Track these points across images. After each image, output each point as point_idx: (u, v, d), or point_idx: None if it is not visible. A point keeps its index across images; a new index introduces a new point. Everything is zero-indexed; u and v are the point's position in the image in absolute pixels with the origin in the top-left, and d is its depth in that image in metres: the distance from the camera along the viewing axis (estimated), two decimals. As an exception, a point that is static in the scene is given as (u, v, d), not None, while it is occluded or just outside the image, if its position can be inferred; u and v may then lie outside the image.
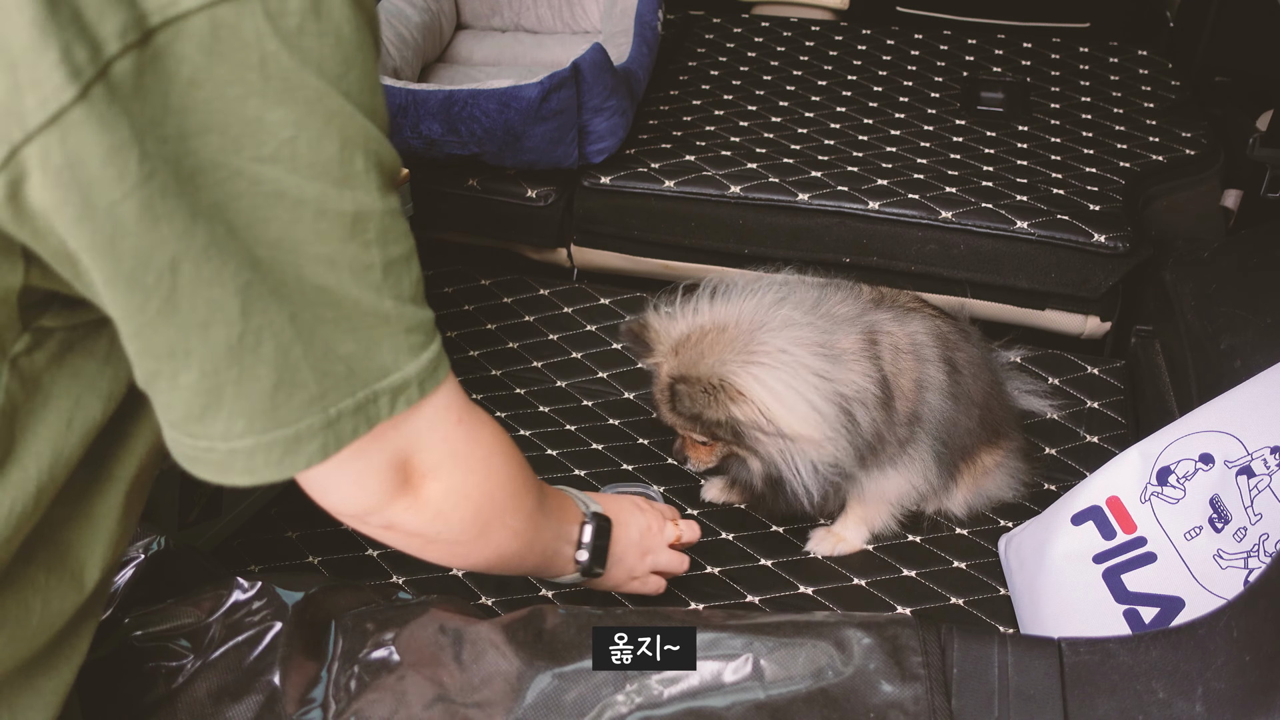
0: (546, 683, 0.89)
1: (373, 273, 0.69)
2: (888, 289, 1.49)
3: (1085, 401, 1.75)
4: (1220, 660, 0.87)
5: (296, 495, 0.79)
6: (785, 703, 0.87)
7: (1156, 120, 2.32)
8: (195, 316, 0.64)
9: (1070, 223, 1.89)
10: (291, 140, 0.63)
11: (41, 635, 0.80)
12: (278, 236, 0.65)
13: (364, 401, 0.71)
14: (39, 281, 0.69)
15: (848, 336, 1.30)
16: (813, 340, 1.26)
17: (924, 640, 0.92)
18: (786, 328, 1.27)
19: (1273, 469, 1.10)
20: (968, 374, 1.41)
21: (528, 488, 0.97)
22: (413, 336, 0.74)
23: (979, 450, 1.47)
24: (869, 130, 2.31)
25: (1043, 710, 0.88)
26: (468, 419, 0.83)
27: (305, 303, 0.67)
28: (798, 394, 1.23)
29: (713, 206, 2.07)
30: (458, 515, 0.85)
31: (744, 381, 1.23)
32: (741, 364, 1.24)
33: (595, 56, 2.01)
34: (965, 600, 1.38)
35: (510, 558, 0.97)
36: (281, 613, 0.96)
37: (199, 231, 0.63)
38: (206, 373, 0.66)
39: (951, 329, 1.45)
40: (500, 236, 2.22)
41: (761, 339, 1.25)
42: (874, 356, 1.30)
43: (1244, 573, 1.08)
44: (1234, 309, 1.53)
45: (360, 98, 0.66)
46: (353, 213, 0.67)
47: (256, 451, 0.69)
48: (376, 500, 0.79)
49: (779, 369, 1.23)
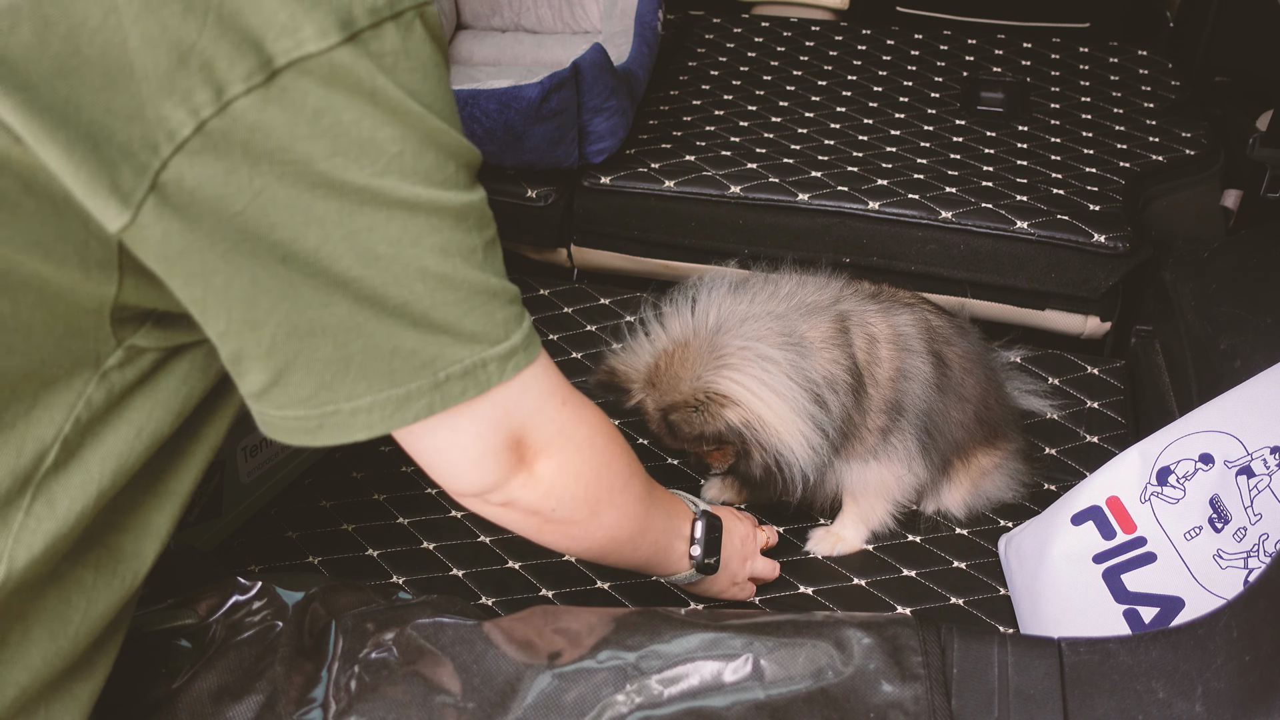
0: (546, 683, 0.89)
1: (476, 254, 0.83)
2: (889, 286, 1.50)
3: (1085, 401, 1.75)
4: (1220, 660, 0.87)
5: (297, 495, 0.80)
6: (785, 703, 0.87)
7: (1156, 120, 2.32)
8: (325, 310, 0.75)
9: (1070, 223, 1.90)
10: (399, 154, 0.75)
11: (83, 638, 0.84)
12: (398, 234, 0.76)
13: (472, 367, 0.81)
14: (132, 298, 0.77)
15: (816, 326, 1.31)
16: (773, 330, 1.28)
17: (924, 640, 0.92)
18: (744, 323, 1.28)
19: (1273, 469, 1.10)
20: (958, 369, 1.42)
21: (634, 472, 1.03)
22: (514, 306, 0.86)
23: (975, 449, 1.47)
24: (869, 130, 2.31)
25: (1043, 710, 0.88)
26: (571, 400, 0.92)
27: (425, 288, 0.78)
28: (765, 385, 1.24)
29: (713, 206, 2.07)
30: (570, 492, 0.92)
31: (723, 386, 1.24)
32: (714, 371, 1.25)
33: (595, 56, 2.01)
34: (965, 600, 1.38)
35: (624, 543, 1.04)
36: (282, 613, 0.96)
37: (312, 235, 0.73)
38: (338, 347, 0.77)
39: (945, 324, 1.46)
40: (500, 236, 2.21)
41: (723, 341, 1.26)
42: (844, 344, 1.31)
43: (1244, 573, 1.08)
44: (1234, 309, 1.53)
45: (444, 112, 0.79)
46: (457, 206, 0.80)
47: (374, 409, 0.79)
48: (496, 477, 0.88)
49: (747, 364, 1.25)
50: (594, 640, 0.93)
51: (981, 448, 1.48)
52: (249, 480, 1.51)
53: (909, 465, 1.39)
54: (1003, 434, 1.50)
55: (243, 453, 1.48)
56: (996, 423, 1.48)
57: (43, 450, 0.79)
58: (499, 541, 1.47)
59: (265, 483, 1.54)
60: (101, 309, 0.77)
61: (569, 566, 1.42)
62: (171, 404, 0.85)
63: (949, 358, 1.42)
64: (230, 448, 1.45)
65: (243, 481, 1.49)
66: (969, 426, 1.44)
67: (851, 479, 1.40)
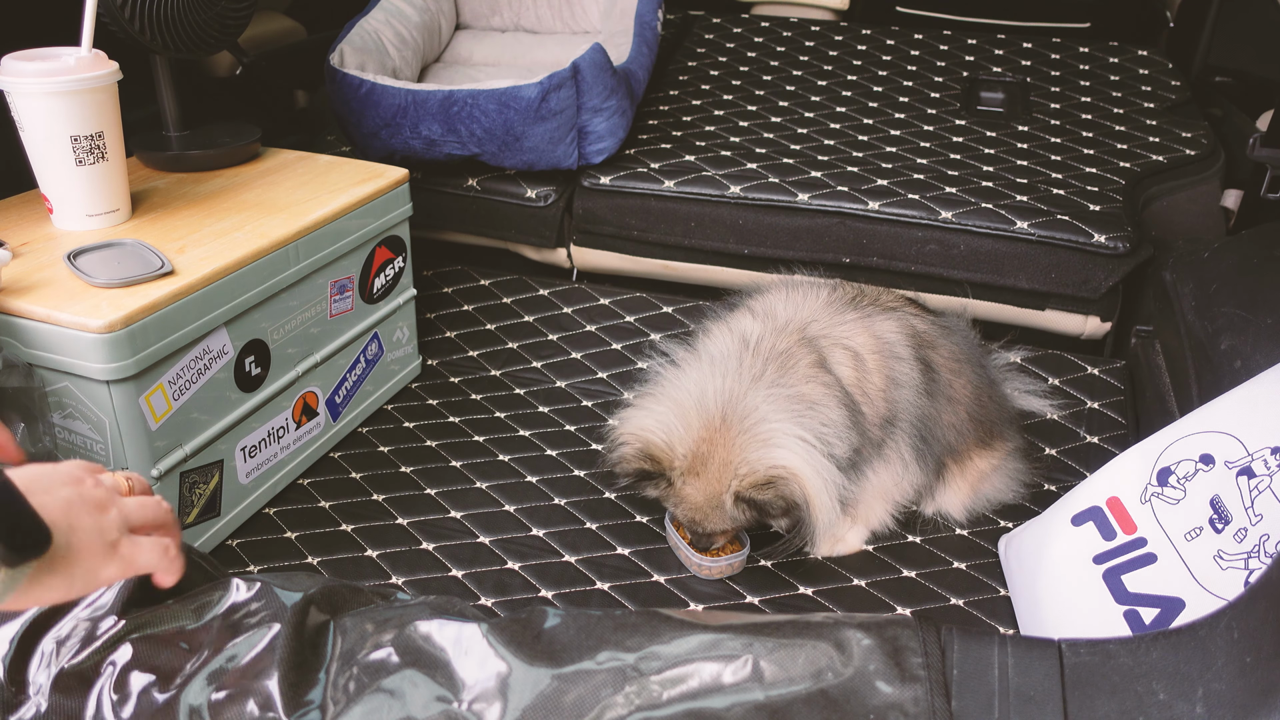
0: (546, 684, 0.89)
1: None
2: (870, 287, 1.50)
3: (1085, 402, 1.75)
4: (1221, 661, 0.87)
5: (296, 495, 0.79)
6: (785, 704, 0.86)
7: (1156, 120, 2.31)
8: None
9: (1070, 223, 1.89)
10: None
11: None
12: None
13: None
14: None
15: (803, 379, 1.33)
16: (789, 400, 1.30)
17: (924, 641, 0.91)
18: (765, 403, 1.29)
19: (1273, 469, 1.10)
20: (945, 371, 1.43)
21: None
22: None
23: (971, 451, 1.47)
24: (869, 130, 2.31)
25: (1043, 711, 0.88)
26: None
27: None
28: (808, 461, 1.27)
29: (713, 206, 2.07)
30: None
31: (782, 458, 1.26)
32: (764, 451, 1.27)
33: (595, 56, 2.01)
34: (965, 601, 1.38)
35: None
36: (280, 614, 0.95)
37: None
38: None
39: (929, 327, 1.46)
40: (500, 236, 2.22)
41: (755, 421, 1.28)
42: (830, 383, 1.33)
43: (1244, 573, 1.08)
44: (1234, 309, 1.53)
45: None
46: None
47: None
48: None
49: (790, 442, 1.27)
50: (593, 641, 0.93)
51: (977, 450, 1.47)
52: (248, 480, 1.51)
53: (904, 470, 1.40)
54: (999, 435, 1.50)
55: (242, 453, 1.48)
56: (992, 422, 1.48)
57: None
58: (498, 542, 1.47)
59: (264, 483, 1.54)
60: None
61: (568, 567, 1.42)
62: None
63: (935, 362, 1.43)
64: (230, 448, 1.46)
65: (242, 482, 1.49)
66: (960, 428, 1.44)
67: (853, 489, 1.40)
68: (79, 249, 1.36)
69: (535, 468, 1.63)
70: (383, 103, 2.02)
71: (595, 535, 1.49)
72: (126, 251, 1.37)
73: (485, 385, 1.86)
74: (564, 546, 1.46)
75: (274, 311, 1.49)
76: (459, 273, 2.19)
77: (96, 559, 0.87)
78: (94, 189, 1.44)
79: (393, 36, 2.34)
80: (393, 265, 1.74)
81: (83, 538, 0.85)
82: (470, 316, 2.06)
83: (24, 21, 1.73)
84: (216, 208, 1.55)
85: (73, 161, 1.41)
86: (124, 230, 1.46)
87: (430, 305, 2.09)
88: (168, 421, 1.34)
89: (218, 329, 1.39)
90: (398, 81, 2.04)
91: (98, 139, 1.41)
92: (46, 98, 1.36)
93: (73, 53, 1.41)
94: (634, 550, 1.46)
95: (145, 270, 1.32)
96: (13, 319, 1.27)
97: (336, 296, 1.62)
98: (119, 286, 1.29)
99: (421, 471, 1.62)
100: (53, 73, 1.36)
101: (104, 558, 0.87)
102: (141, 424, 1.30)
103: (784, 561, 1.43)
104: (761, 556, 1.44)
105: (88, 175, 1.43)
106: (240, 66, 2.41)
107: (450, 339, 2.00)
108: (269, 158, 1.77)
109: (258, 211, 1.53)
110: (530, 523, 1.51)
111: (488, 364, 1.92)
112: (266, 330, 1.48)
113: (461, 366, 1.92)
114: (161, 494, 1.34)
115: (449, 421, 1.75)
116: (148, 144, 1.72)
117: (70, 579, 0.82)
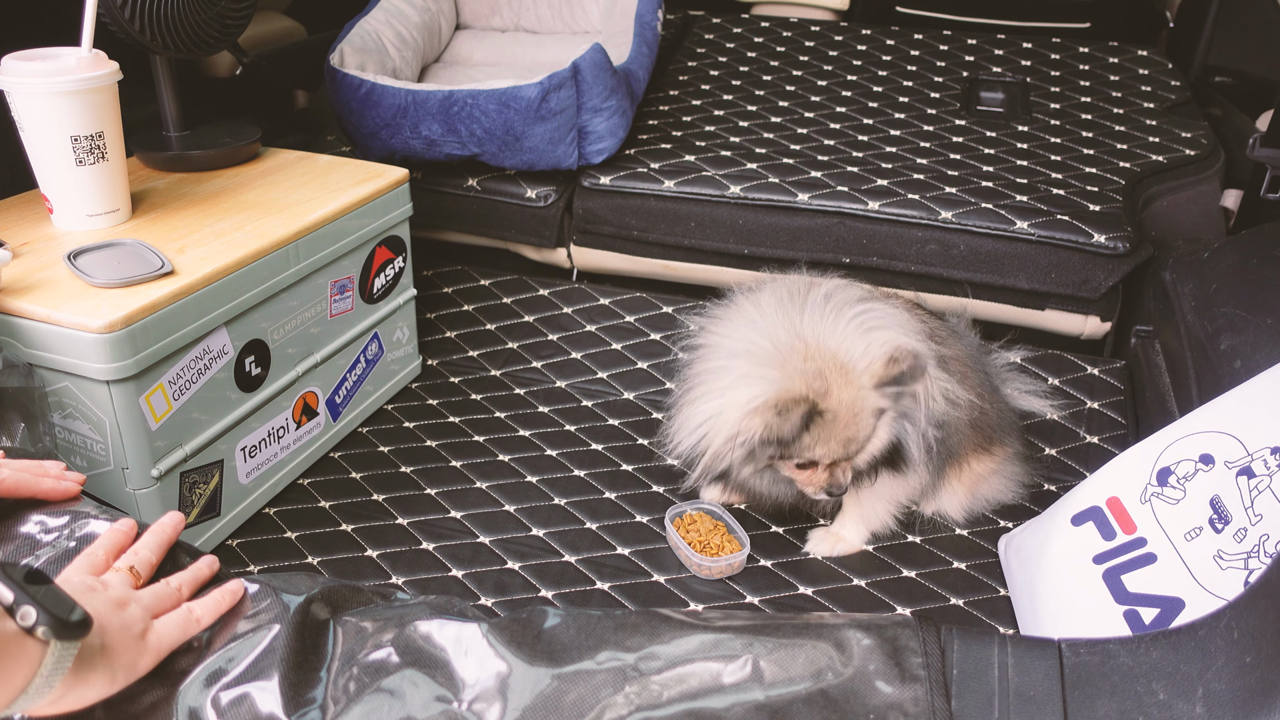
0: (546, 684, 0.89)
1: None
2: (881, 289, 1.50)
3: (1085, 402, 1.75)
4: (1221, 661, 0.87)
5: (296, 495, 0.79)
6: (785, 704, 0.87)
7: (1156, 120, 2.31)
8: None
9: (1070, 223, 1.89)
10: None
11: None
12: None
13: None
14: None
15: (860, 298, 1.33)
16: (854, 301, 1.30)
17: (924, 641, 0.91)
18: (841, 313, 1.28)
19: (1273, 470, 1.10)
20: (955, 371, 1.42)
21: None
22: None
23: (970, 455, 1.46)
24: (869, 130, 2.31)
25: (1043, 711, 0.88)
26: None
27: None
28: (900, 326, 1.29)
29: (713, 206, 2.07)
30: None
31: (886, 337, 1.26)
32: (867, 336, 1.26)
33: (595, 56, 2.01)
34: (965, 601, 1.38)
35: None
36: (281, 614, 0.95)
37: None
38: None
39: (939, 327, 1.46)
40: (500, 236, 2.22)
41: (843, 324, 1.27)
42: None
43: (1244, 573, 1.08)
44: (1234, 309, 1.53)
45: None
46: None
47: None
48: None
49: (890, 322, 1.28)
50: (593, 641, 0.93)
51: (975, 453, 1.47)
52: (248, 480, 1.51)
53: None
54: (998, 439, 1.49)
55: (242, 453, 1.48)
56: (991, 427, 1.48)
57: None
58: (499, 542, 1.47)
59: (264, 483, 1.54)
60: None
61: (568, 567, 1.42)
62: None
63: (948, 359, 1.42)
64: (230, 448, 1.46)
65: (242, 482, 1.49)
66: (962, 431, 1.44)
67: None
68: (79, 249, 1.36)
69: (535, 468, 1.63)
70: (383, 103, 2.02)
71: (595, 535, 1.49)
72: (126, 251, 1.38)
73: (485, 385, 1.86)
74: (564, 546, 1.46)
75: (274, 311, 1.49)
76: (459, 273, 2.19)
77: (131, 652, 0.92)
78: (94, 189, 1.44)
79: (393, 36, 2.34)
80: (393, 265, 1.74)
81: (114, 636, 0.90)
82: (470, 316, 2.06)
83: (24, 21, 1.73)
84: (216, 208, 1.55)
85: (73, 161, 1.41)
86: (124, 230, 1.46)
87: (430, 305, 2.09)
88: (168, 421, 1.34)
89: (218, 329, 1.39)
90: (398, 81, 2.04)
91: (98, 139, 1.41)
92: (47, 98, 1.36)
93: (73, 53, 1.41)
94: (634, 550, 1.46)
95: (145, 270, 1.32)
96: (13, 319, 1.27)
97: (336, 296, 1.62)
98: (119, 286, 1.29)
99: (421, 471, 1.62)
100: (53, 73, 1.36)
101: (137, 650, 0.93)
102: (141, 424, 1.30)
103: (784, 561, 1.43)
104: (858, 487, 1.39)
105: (88, 175, 1.43)
106: (240, 66, 2.41)
107: (450, 339, 2.00)
108: (269, 158, 1.77)
109: (258, 211, 1.53)
110: (530, 523, 1.51)
111: (488, 364, 1.92)
112: (267, 330, 1.48)
113: (461, 366, 1.92)
114: (161, 494, 1.34)
115: (449, 421, 1.76)
116: (148, 144, 1.72)
117: (112, 673, 0.88)
